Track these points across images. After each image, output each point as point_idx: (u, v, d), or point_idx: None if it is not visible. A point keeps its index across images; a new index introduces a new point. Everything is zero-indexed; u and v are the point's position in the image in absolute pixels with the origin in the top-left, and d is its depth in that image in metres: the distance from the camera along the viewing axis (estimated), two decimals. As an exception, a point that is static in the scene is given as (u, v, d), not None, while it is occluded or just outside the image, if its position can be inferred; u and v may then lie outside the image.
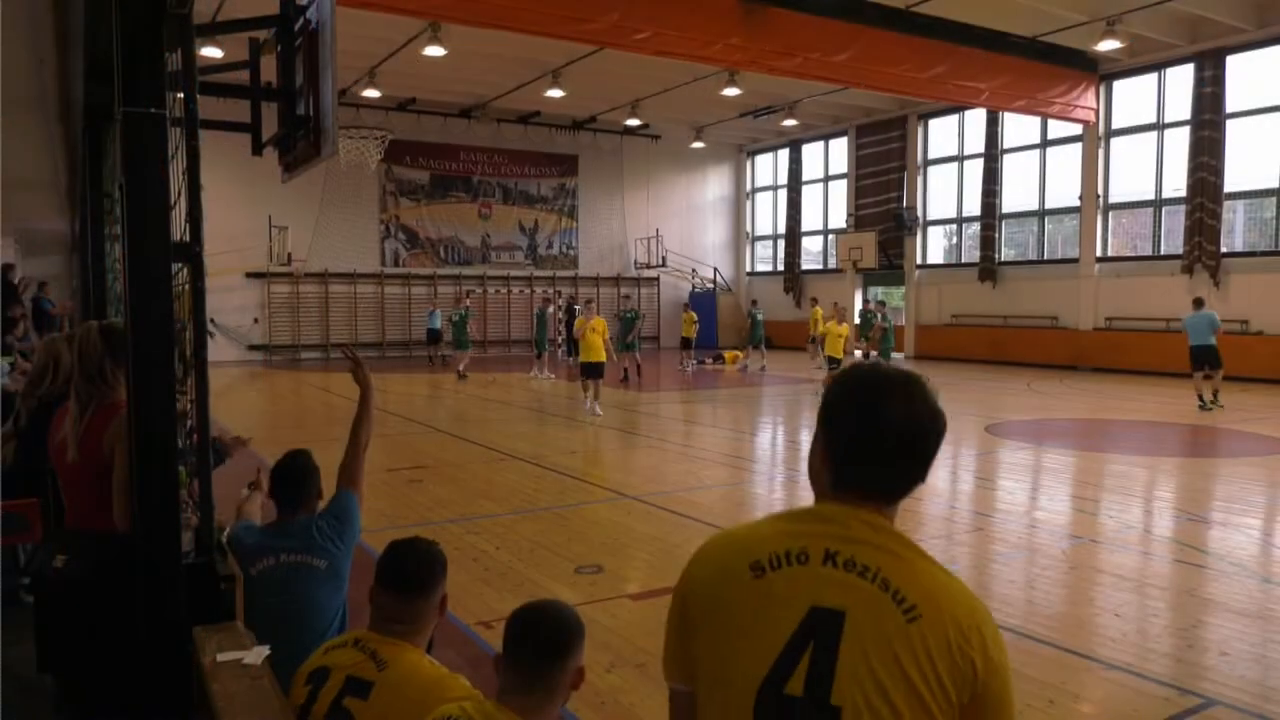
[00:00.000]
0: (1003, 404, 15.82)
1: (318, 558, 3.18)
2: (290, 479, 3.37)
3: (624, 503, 8.17)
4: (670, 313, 32.28)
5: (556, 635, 2.09)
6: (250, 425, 13.65)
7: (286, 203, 24.50)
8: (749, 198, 34.02)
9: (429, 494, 8.50)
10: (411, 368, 23.91)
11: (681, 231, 32.69)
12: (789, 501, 8.51)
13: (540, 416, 14.51)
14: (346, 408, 15.79)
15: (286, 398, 17.83)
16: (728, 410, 15.58)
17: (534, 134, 29.69)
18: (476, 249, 29.51)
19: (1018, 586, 5.86)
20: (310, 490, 3.37)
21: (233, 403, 16.06)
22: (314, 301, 27.06)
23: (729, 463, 10.36)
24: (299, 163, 4.06)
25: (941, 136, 26.98)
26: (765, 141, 32.69)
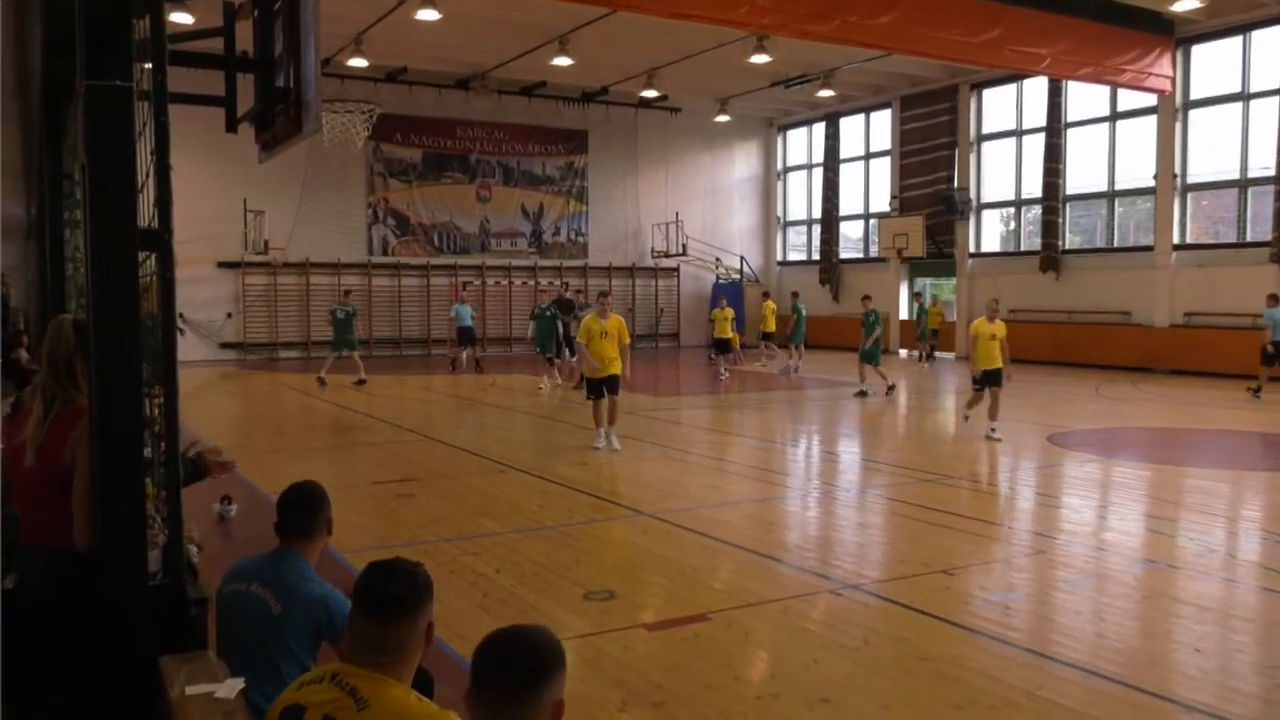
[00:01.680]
0: (1067, 411, 15.72)
1: (276, 600, 3.19)
2: (293, 506, 3.39)
3: (639, 520, 8.16)
4: (691, 307, 32.28)
5: (532, 663, 2.06)
6: (222, 432, 13.75)
7: (264, 185, 24.66)
8: (780, 178, 33.96)
9: (420, 509, 8.52)
10: (403, 368, 24.01)
11: (704, 216, 32.67)
12: (825, 520, 8.49)
13: (545, 423, 14.52)
14: (328, 413, 15.94)
15: (262, 402, 17.93)
16: (756, 417, 15.55)
17: (539, 107, 29.76)
18: (474, 236, 29.61)
19: (1084, 617, 5.82)
20: (310, 522, 3.38)
21: (203, 407, 16.17)
22: (294, 294, 27.22)
23: (758, 476, 10.34)
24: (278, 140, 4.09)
25: (997, 109, 26.85)
26: (798, 115, 32.61)
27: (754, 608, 5.91)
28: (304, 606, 3.19)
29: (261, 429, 14.23)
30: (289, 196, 26.30)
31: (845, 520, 8.41)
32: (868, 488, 9.97)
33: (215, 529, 7.76)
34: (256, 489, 9.40)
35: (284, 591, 3.21)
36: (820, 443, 13.23)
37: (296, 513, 3.39)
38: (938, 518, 8.20)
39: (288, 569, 3.27)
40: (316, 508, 3.41)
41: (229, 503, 8.14)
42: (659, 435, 13.11)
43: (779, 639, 5.45)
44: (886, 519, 8.48)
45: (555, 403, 17.09)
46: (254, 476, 9.96)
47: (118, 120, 2.72)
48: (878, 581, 6.48)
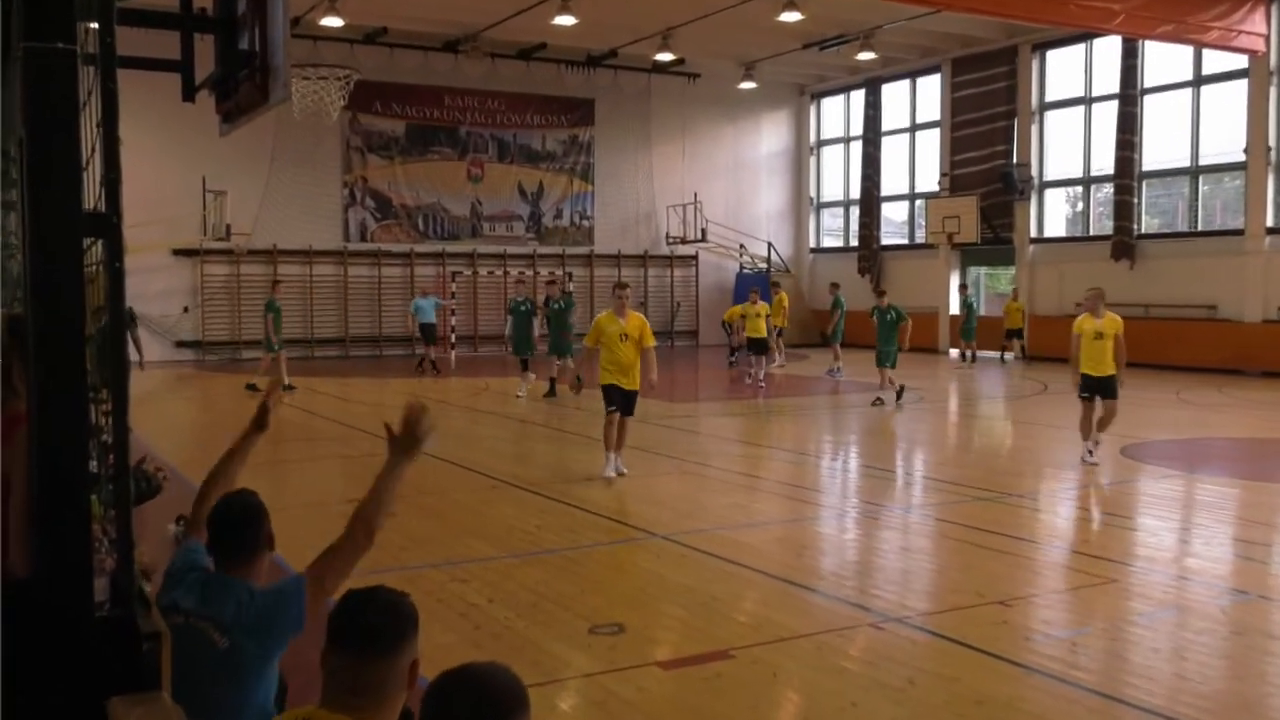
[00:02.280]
0: (1143, 418, 15.65)
1: (218, 631, 3.19)
2: (225, 525, 3.39)
3: (652, 543, 8.17)
4: (712, 301, 32.29)
5: (494, 709, 2.07)
6: (178, 444, 13.80)
7: (225, 162, 24.75)
8: (813, 153, 33.93)
9: (403, 530, 8.55)
10: (382, 370, 24.08)
11: (726, 197, 32.69)
12: (864, 543, 8.47)
13: (544, 432, 14.54)
14: (299, 422, 15.99)
15: (224, 408, 18.00)
16: (786, 425, 15.53)
17: (538, 73, 29.82)
18: (464, 219, 29.70)
19: (1163, 656, 5.79)
20: (250, 539, 3.39)
21: (156, 415, 16.24)
22: (259, 286, 27.27)
23: (787, 493, 10.33)
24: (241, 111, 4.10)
25: (1063, 73, 26.77)
26: (834, 81, 32.57)
27: (783, 643, 5.90)
28: (248, 632, 3.19)
29: (222, 439, 14.16)
30: (254, 175, 26.42)
31: (887, 544, 8.39)
32: (913, 507, 9.93)
33: (169, 553, 7.78)
34: (217, 507, 9.44)
35: (226, 622, 3.21)
36: (859, 455, 13.21)
37: (236, 531, 3.39)
38: (994, 541, 8.17)
39: (226, 596, 3.28)
40: (256, 521, 3.42)
41: (184, 523, 8.16)
42: (675, 446, 13.10)
43: (812, 679, 5.44)
44: (935, 542, 8.45)
45: (554, 409, 17.10)
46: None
47: (59, 88, 2.72)
48: (925, 614, 6.47)
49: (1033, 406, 17.78)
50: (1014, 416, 17.15)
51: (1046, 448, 13.41)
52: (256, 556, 3.41)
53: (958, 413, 17.82)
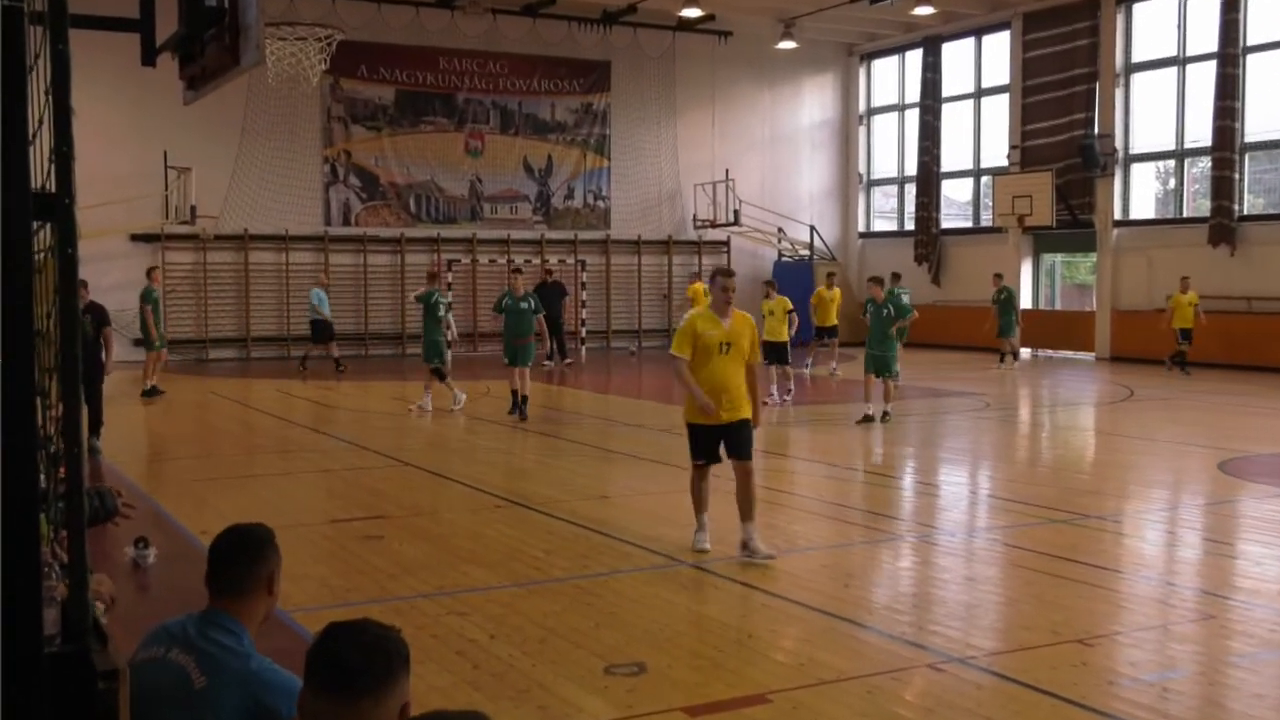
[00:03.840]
0: (1245, 430, 15.55)
1: (200, 671, 3.21)
2: (222, 553, 3.42)
3: (678, 571, 8.17)
4: (745, 294, 31.84)
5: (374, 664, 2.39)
6: (138, 456, 13.91)
7: (190, 134, 24.90)
8: (863, 123, 33.87)
9: (392, 555, 8.58)
10: (369, 372, 24.17)
11: (762, 174, 32.67)
12: (922, 572, 8.45)
13: (553, 443, 14.56)
14: (273, 431, 16.08)
15: (189, 415, 18.10)
16: (831, 436, 15.50)
17: (546, 31, 29.88)
18: (462, 200, 29.79)
19: (1268, 703, 5.76)
20: (248, 577, 3.41)
21: (112, 422, 16.35)
22: (229, 275, 27.51)
23: (832, 514, 10.32)
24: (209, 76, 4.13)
25: (1152, 29, 26.63)
26: (887, 40, 32.49)
27: (828, 686, 5.89)
28: (235, 682, 3.21)
29: (187, 450, 14.36)
30: (222, 150, 26.57)
31: (948, 573, 8.37)
32: (978, 530, 9.89)
33: (128, 580, 7.85)
34: (180, 528, 9.49)
35: (210, 661, 3.24)
36: (914, 471, 13.17)
37: (231, 564, 3.42)
38: (1072, 570, 8.14)
39: (217, 633, 3.30)
40: (257, 558, 3.44)
41: (145, 546, 8.23)
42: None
43: (861, 729, 5.43)
44: (1003, 571, 8.42)
45: (560, 420, 17.13)
46: (178, 512, 10.06)
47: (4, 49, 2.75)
48: (992, 654, 6.45)
49: (1118, 414, 17.70)
50: (1096, 426, 17.07)
51: (1133, 462, 13.33)
52: (255, 597, 3.42)
53: (1029, 421, 17.75)
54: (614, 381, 24.17)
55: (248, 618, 3.39)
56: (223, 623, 3.33)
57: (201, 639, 3.29)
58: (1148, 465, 13.10)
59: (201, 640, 3.29)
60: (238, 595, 3.39)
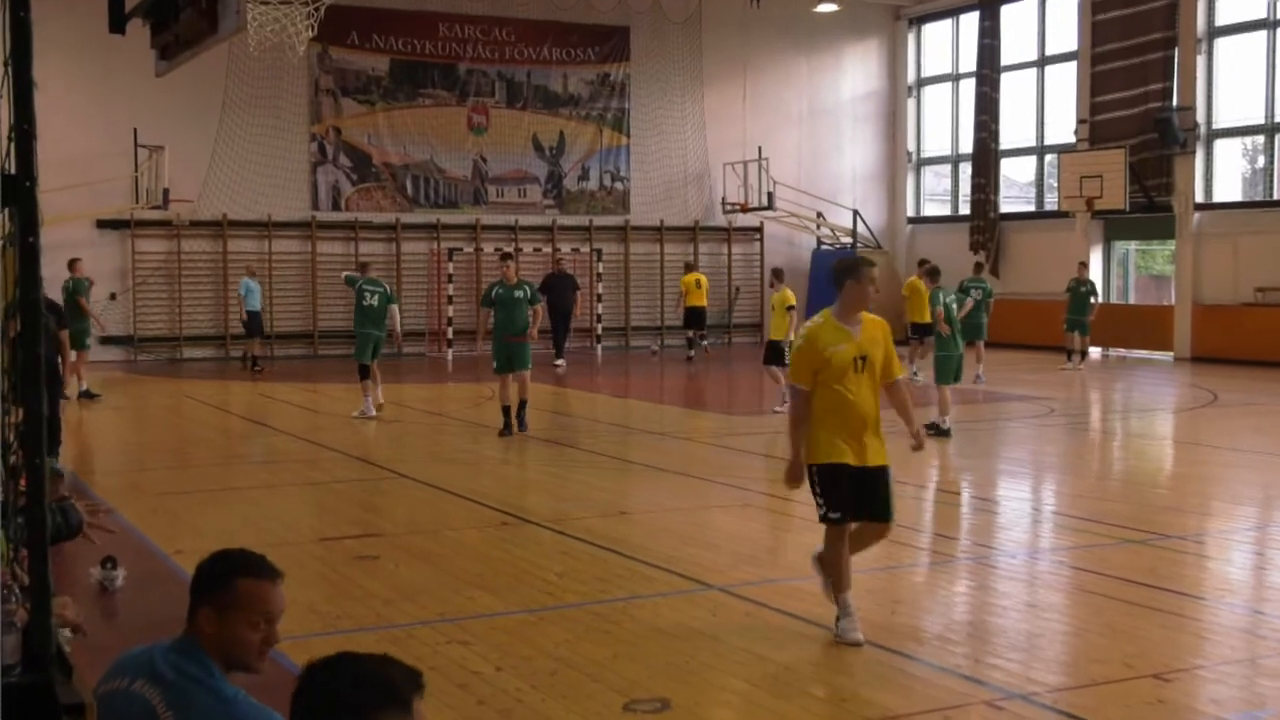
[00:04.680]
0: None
1: (165, 704, 3.21)
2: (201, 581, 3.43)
3: (705, 596, 8.15)
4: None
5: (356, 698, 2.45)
6: (105, 466, 13.96)
7: (163, 110, 25.01)
8: (912, 94, 33.76)
9: (388, 578, 8.59)
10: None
11: (800, 152, 32.61)
12: (979, 598, 8.42)
13: (566, 454, 14.56)
14: (255, 438, 16.10)
15: (161, 421, 18.14)
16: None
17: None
18: (465, 182, 29.84)
19: (1369, 746, 5.71)
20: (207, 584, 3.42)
21: (77, 428, 16.43)
22: (205, 266, 27.60)
23: (878, 533, 10.29)
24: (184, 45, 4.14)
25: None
26: (938, 1, 32.40)
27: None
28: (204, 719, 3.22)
29: (159, 460, 14.40)
30: (199, 127, 26.68)
31: (1008, 599, 8.33)
32: (1041, 551, 9.84)
33: (95, 604, 7.88)
34: (152, 547, 9.51)
35: (178, 694, 3.24)
36: (971, 485, 13.12)
37: (207, 589, 3.42)
38: (1148, 596, 8.09)
39: (187, 663, 3.30)
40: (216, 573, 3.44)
41: (113, 567, 8.26)
42: (734, 471, 13.06)
43: (911, 773, 5.42)
44: (1070, 598, 8.37)
45: (573, 428, 17.12)
46: (148, 529, 10.08)
47: (-41, 17, 2.76)
48: (1057, 689, 6.42)
49: (1199, 421, 17.60)
50: (1175, 435, 16.97)
51: (1217, 475, 13.25)
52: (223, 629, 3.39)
53: (1099, 430, 17.66)
54: (634, 384, 24.17)
55: (202, 634, 3.39)
56: (195, 654, 3.33)
57: (169, 669, 3.29)
58: (1233, 479, 13.00)
59: (170, 671, 3.29)
60: (193, 611, 3.39)
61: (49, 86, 5.13)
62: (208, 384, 22.67)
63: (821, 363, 7.18)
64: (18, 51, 2.93)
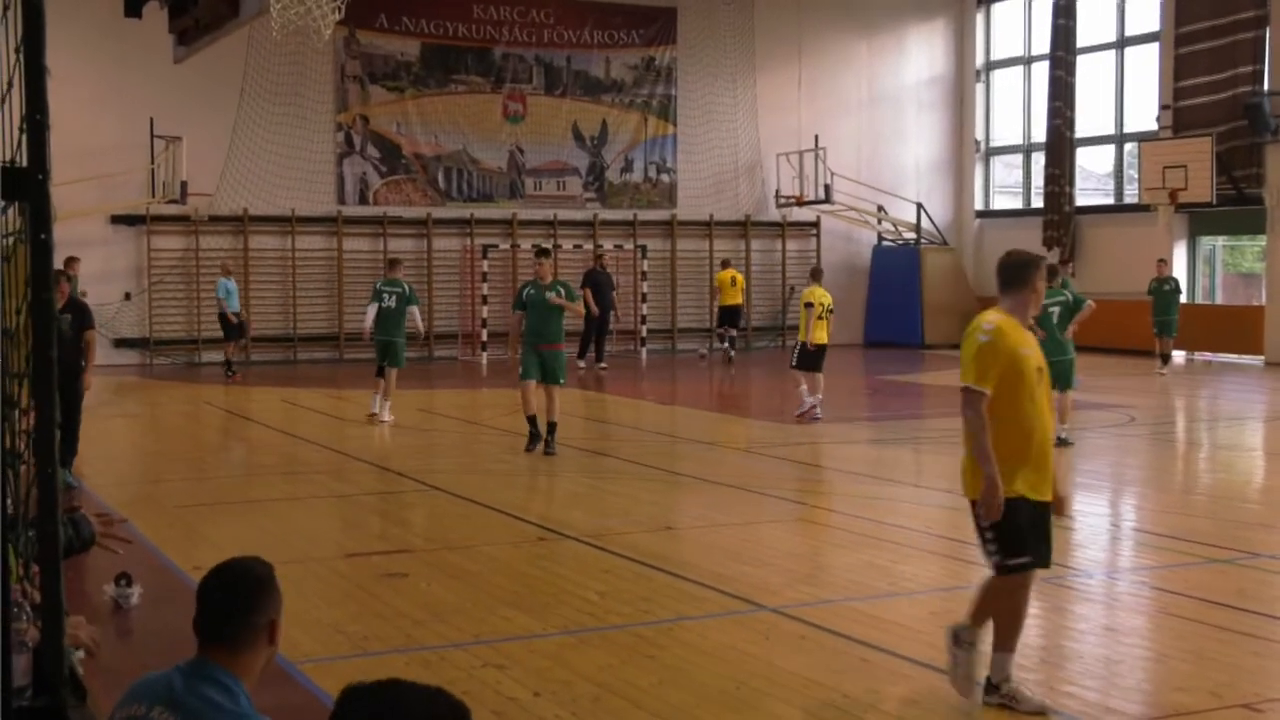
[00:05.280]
0: None
1: None
2: (218, 601, 3.45)
3: (757, 618, 8.13)
4: (839, 284, 31.82)
5: None
6: (119, 476, 14.08)
7: (181, 99, 25.21)
8: (980, 79, 33.59)
9: (418, 597, 8.61)
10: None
11: (859, 142, 32.54)
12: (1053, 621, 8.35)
13: (607, 465, 14.57)
14: (279, 448, 16.16)
15: (178, 429, 18.27)
16: (944, 457, 15.38)
17: (600, -28, 29.97)
18: (500, 174, 29.91)
19: None
20: (243, 623, 3.43)
21: (90, 437, 16.57)
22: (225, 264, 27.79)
23: (944, 550, 10.24)
24: (203, 30, 4.19)
25: (1335, -37, 26.16)
26: (1010, -22, 32.26)
27: (939, 759, 5.85)
28: None
29: (176, 471, 14.51)
30: (218, 117, 26.87)
31: (1084, 622, 8.27)
32: (1120, 571, 9.77)
33: (109, 623, 7.94)
34: (168, 563, 9.59)
35: (195, 710, 3.26)
36: (1045, 498, 13.00)
37: (226, 608, 3.43)
38: (1237, 620, 8.01)
39: (208, 688, 3.32)
40: (255, 601, 3.45)
41: (128, 584, 8.32)
42: (787, 483, 13.03)
43: (979, 809, 5.39)
44: (1151, 621, 8.31)
45: (615, 437, 17.12)
46: (165, 544, 10.16)
47: (-32, 2, 2.79)
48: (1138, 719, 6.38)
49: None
50: (1266, 445, 16.79)
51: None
52: (252, 646, 3.42)
53: (1183, 440, 17.50)
54: (680, 390, 24.15)
55: (244, 670, 3.39)
56: (215, 676, 3.34)
57: (190, 695, 3.30)
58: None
59: (190, 697, 3.30)
60: (233, 644, 3.39)
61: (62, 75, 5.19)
62: (227, 390, 22.80)
63: (1012, 367, 6.27)
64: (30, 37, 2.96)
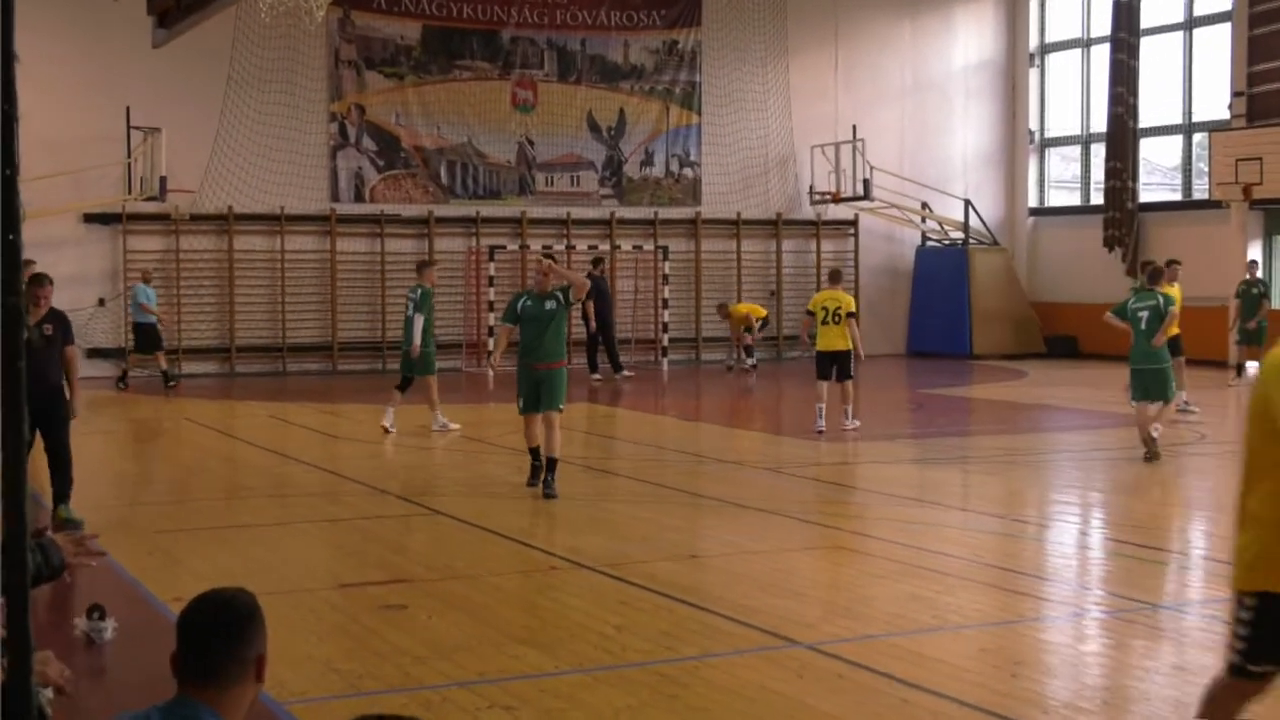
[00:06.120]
0: None
1: None
2: (199, 635, 3.48)
3: (790, 655, 8.13)
4: (879, 288, 32.11)
5: None
6: (93, 499, 14.11)
7: (160, 87, 25.29)
8: (1034, 63, 33.55)
9: (419, 632, 8.63)
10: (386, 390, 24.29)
11: (902, 133, 32.56)
12: (1115, 659, 8.34)
13: (625, 486, 14.59)
14: (266, 468, 16.17)
15: (157, 447, 18.31)
16: (995, 478, 15.42)
17: (617, -53, 30.03)
18: (508, 168, 29.95)
19: None
20: (227, 659, 3.46)
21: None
22: (208, 267, 27.88)
23: (994, 580, 10.24)
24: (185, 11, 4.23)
25: None
26: (1068, -48, 32.26)
27: (989, 809, 5.86)
28: None
29: (155, 493, 14.55)
30: (202, 106, 26.94)
31: (1151, 660, 8.25)
32: (1190, 604, 9.74)
33: (81, 660, 7.97)
34: (146, 594, 9.62)
35: None
36: (1106, 523, 13.01)
37: (208, 643, 3.46)
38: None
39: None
40: (239, 635, 3.47)
41: (101, 617, 8.35)
42: (821, 507, 13.03)
43: None
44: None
45: (633, 456, 17.12)
46: (142, 572, 10.19)
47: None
48: (1209, 768, 6.36)
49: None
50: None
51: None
52: (237, 683, 3.45)
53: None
54: (705, 405, 24.13)
55: (228, 710, 3.41)
56: (196, 716, 3.37)
57: None
58: None
59: None
60: (215, 682, 3.41)
61: (32, 62, 5.22)
62: (211, 404, 22.85)
63: None
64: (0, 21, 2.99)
